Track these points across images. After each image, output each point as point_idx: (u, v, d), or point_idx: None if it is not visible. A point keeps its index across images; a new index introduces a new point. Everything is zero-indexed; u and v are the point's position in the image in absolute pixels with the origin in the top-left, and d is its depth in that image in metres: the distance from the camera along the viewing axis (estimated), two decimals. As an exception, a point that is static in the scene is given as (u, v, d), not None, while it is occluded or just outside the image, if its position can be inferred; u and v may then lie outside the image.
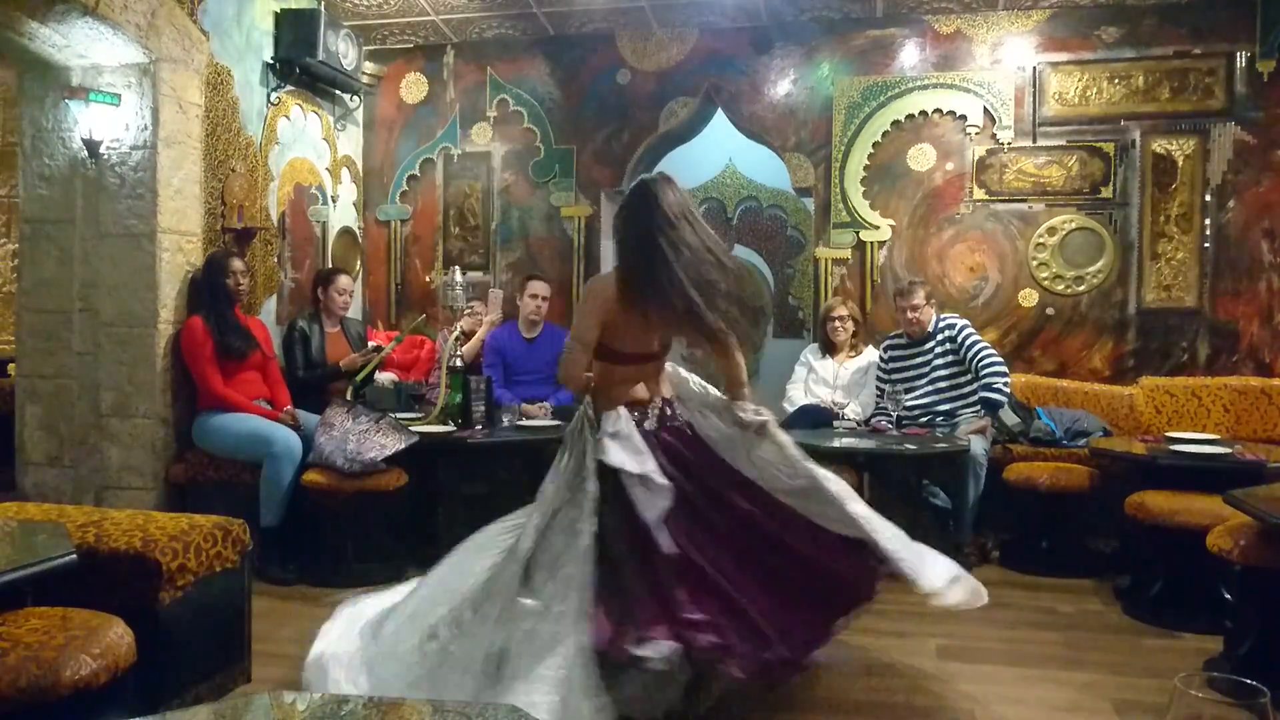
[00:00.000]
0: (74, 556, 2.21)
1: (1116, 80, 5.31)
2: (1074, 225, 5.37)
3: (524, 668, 2.43)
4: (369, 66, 6.05)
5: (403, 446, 4.18)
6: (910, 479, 4.51)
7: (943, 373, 4.75)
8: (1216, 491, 3.22)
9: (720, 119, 6.02)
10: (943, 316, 4.87)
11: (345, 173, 6.07)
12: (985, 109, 5.44)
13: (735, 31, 5.75)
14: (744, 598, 2.61)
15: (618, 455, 2.70)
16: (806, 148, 5.72)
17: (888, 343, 5.00)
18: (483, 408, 4.54)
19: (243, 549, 2.97)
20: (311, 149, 5.70)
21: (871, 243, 5.60)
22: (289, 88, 5.39)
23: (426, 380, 5.22)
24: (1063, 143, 5.37)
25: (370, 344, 5.07)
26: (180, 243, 4.53)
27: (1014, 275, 5.44)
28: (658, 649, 2.45)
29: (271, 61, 5.25)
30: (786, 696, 2.97)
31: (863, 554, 2.82)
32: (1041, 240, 5.40)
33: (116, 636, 2.13)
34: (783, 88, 5.75)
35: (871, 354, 5.11)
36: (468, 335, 5.14)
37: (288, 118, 5.44)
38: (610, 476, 2.71)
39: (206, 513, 3.07)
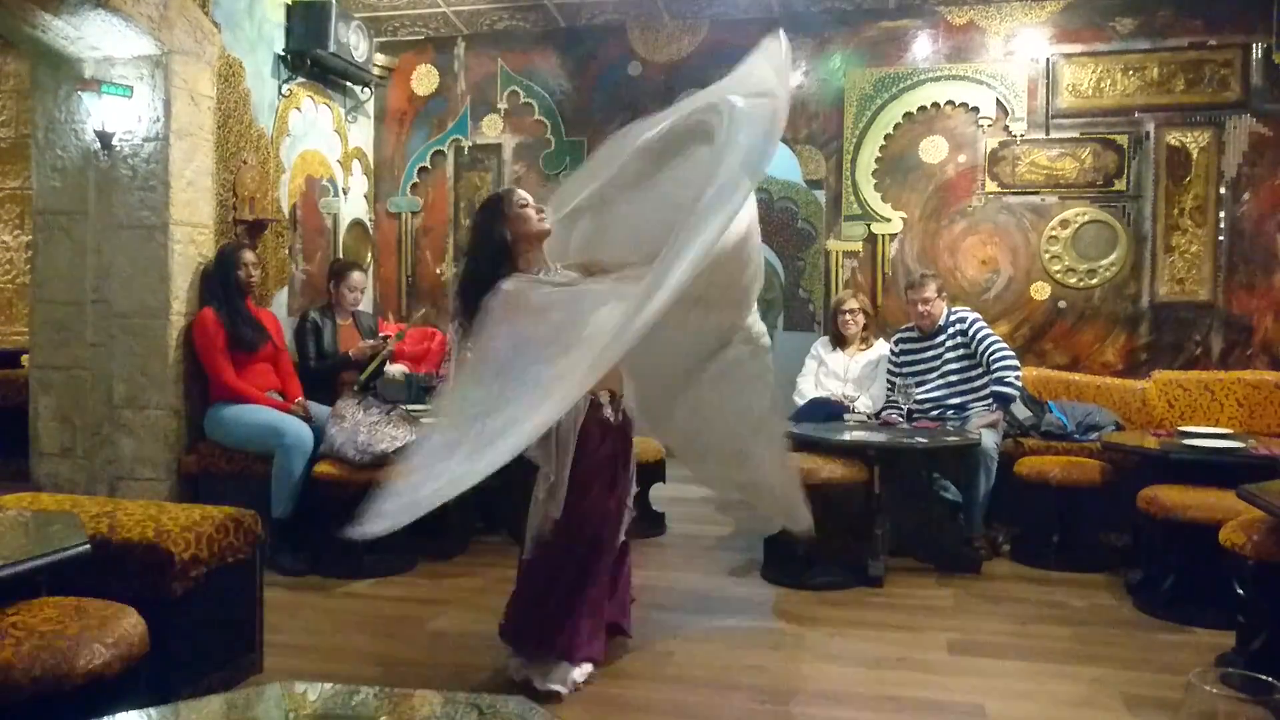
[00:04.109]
0: (88, 547, 2.23)
1: (1131, 72, 5.27)
2: (1087, 218, 5.33)
3: None
4: (380, 58, 6.05)
5: (414, 438, 4.19)
6: (921, 472, 4.50)
7: (954, 366, 4.73)
8: (1229, 486, 3.19)
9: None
10: (954, 310, 4.84)
11: (356, 165, 6.08)
12: (998, 101, 5.41)
13: (746, 23, 5.72)
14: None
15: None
16: (818, 140, 5.70)
17: (898, 336, 4.98)
18: (493, 400, 4.54)
19: (254, 540, 2.99)
20: (323, 141, 5.71)
21: (883, 235, 5.58)
22: (300, 80, 5.39)
23: (438, 372, 5.23)
24: (1076, 135, 5.34)
25: (381, 335, 5.08)
26: (192, 234, 4.55)
27: (1026, 268, 5.41)
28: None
29: (283, 54, 5.26)
30: (796, 688, 2.97)
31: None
32: (1054, 233, 5.37)
33: (130, 626, 2.14)
34: (794, 79, 5.72)
35: (882, 347, 5.09)
36: (478, 327, 5.13)
37: (299, 110, 5.44)
38: None
39: (218, 504, 3.09)
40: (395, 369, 4.88)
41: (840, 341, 5.14)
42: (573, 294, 2.85)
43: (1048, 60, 5.36)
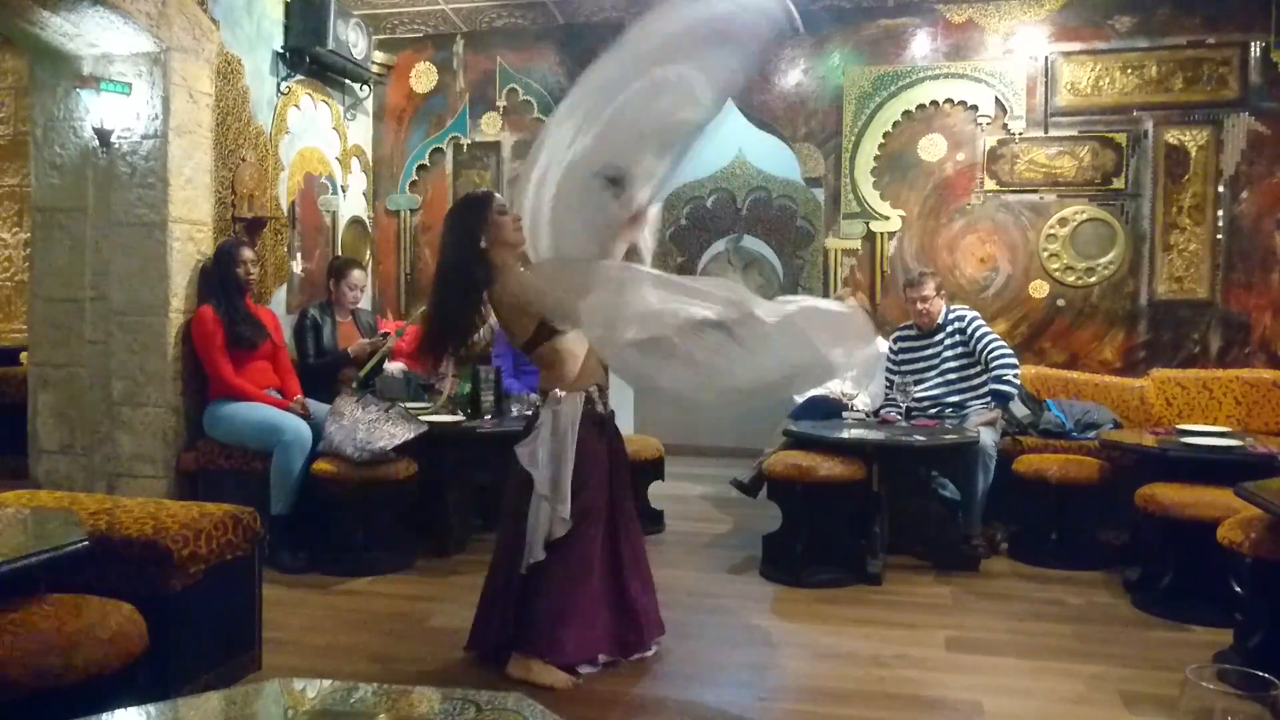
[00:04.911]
0: (86, 544, 2.22)
1: (1129, 70, 5.27)
2: (1085, 216, 5.34)
3: None
4: (378, 56, 6.04)
5: (412, 436, 4.19)
6: (919, 470, 4.51)
7: (952, 364, 4.73)
8: (1227, 484, 3.21)
9: (730, 109, 5.98)
10: (953, 308, 4.85)
11: (355, 162, 6.07)
12: (997, 99, 5.41)
13: (745, 21, 5.71)
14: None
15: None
16: (817, 138, 5.70)
17: (897, 334, 4.98)
18: (492, 397, 4.55)
19: (253, 537, 2.98)
20: (321, 138, 5.71)
21: (881, 233, 5.59)
22: (299, 77, 5.39)
23: (436, 370, 5.22)
24: (1075, 133, 5.34)
25: (380, 333, 5.08)
26: (191, 232, 4.54)
27: (1025, 266, 5.42)
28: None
29: (282, 51, 5.25)
30: (794, 686, 2.97)
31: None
32: (1053, 231, 5.37)
33: (128, 623, 2.15)
34: (793, 77, 5.72)
35: (881, 345, 5.08)
36: (477, 325, 5.13)
37: (298, 107, 5.44)
38: None
39: (217, 501, 3.09)
40: (394, 367, 4.88)
41: (839, 339, 5.13)
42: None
43: (1046, 58, 5.36)
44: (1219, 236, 5.19)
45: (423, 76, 6.19)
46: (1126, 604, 3.81)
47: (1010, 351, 4.63)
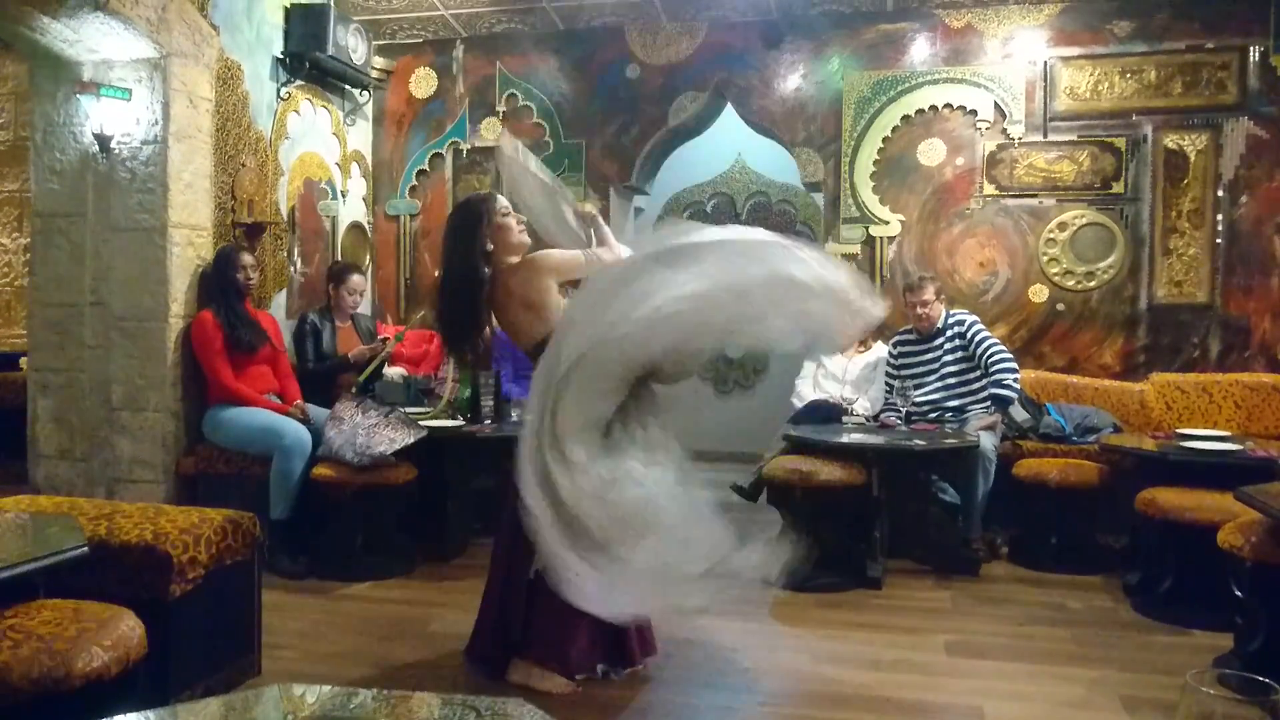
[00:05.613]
0: (86, 549, 2.22)
1: (1128, 75, 5.28)
2: (1085, 220, 5.34)
3: None
4: (378, 61, 6.05)
5: (412, 441, 4.19)
6: (919, 475, 4.51)
7: (952, 369, 4.73)
8: (1227, 488, 3.20)
9: (730, 114, 6.00)
10: (952, 312, 4.85)
11: (355, 167, 6.08)
12: (996, 103, 5.41)
13: (745, 25, 5.73)
14: None
15: None
16: (816, 142, 5.70)
17: (897, 338, 4.98)
18: (491, 402, 4.55)
19: (252, 542, 2.98)
20: (321, 143, 5.71)
21: (881, 238, 5.59)
22: (299, 82, 5.39)
23: (436, 375, 5.23)
24: (1074, 138, 5.34)
25: (380, 338, 5.08)
26: (191, 237, 4.55)
27: (1024, 271, 5.42)
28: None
29: (281, 56, 5.26)
30: (795, 690, 2.97)
31: None
32: (1052, 236, 5.37)
33: (127, 628, 2.14)
34: (792, 82, 5.73)
35: (881, 349, 5.10)
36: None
37: (297, 112, 5.44)
38: None
39: (217, 506, 3.09)
40: (394, 371, 4.88)
41: (839, 344, 5.14)
42: None
43: (1045, 63, 5.37)
44: (1218, 240, 5.19)
45: (422, 82, 6.20)
46: (1126, 608, 3.80)
47: (1010, 356, 4.64)
